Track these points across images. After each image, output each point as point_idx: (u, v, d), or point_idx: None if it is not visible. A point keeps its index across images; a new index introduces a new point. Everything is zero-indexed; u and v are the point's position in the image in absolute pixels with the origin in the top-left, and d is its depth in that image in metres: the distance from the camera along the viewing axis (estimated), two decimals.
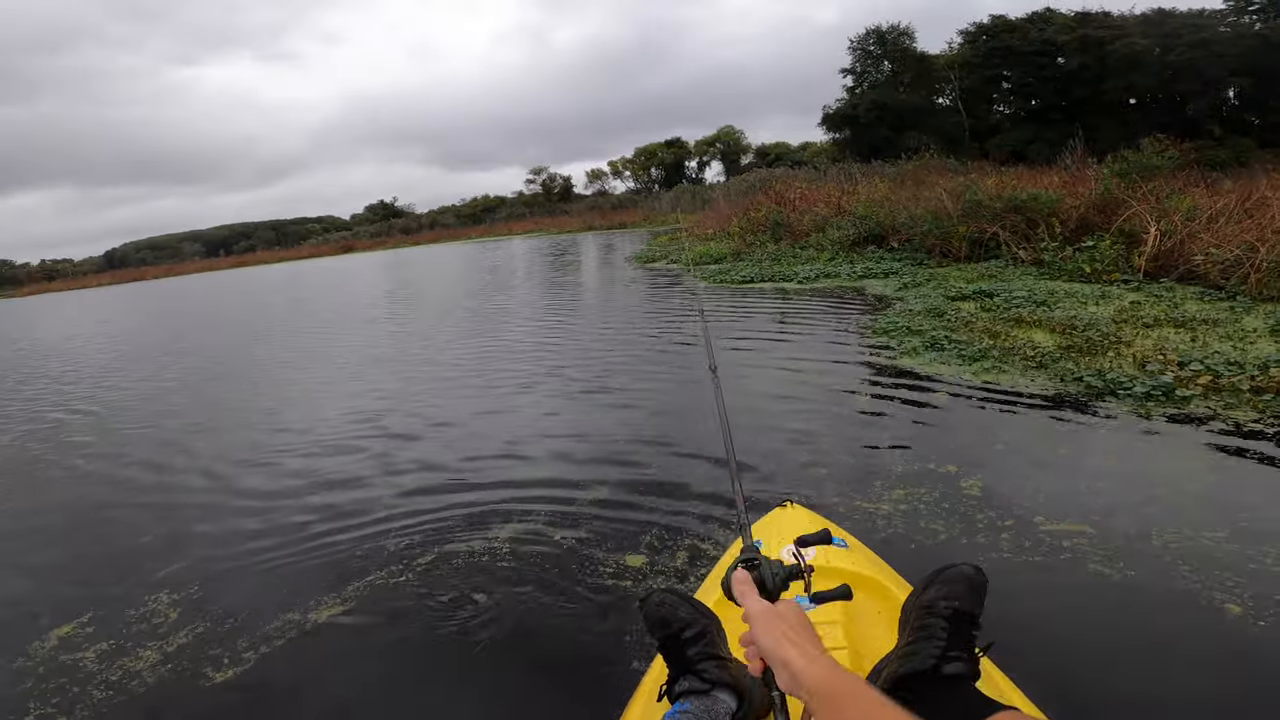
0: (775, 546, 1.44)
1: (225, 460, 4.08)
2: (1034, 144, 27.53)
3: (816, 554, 1.40)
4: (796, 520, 1.63)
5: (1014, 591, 1.97)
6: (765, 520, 1.73)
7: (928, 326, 5.16)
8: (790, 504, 1.77)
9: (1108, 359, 3.96)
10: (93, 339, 12.92)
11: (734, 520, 2.58)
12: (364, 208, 75.95)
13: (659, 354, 5.66)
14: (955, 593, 1.02)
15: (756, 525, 1.72)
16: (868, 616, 1.28)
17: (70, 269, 79.90)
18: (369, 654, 2.07)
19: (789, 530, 1.54)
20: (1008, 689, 1.17)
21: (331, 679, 2.00)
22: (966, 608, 1.00)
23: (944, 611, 0.99)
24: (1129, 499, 2.48)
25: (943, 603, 1.00)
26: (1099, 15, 29.91)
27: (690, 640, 1.06)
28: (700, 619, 1.09)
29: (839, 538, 1.55)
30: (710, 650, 1.05)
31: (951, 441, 3.14)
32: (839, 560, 1.40)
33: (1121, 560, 2.09)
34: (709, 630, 1.08)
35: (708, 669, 1.02)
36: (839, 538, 1.55)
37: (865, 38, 35.75)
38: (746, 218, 14.24)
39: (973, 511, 2.47)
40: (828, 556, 1.40)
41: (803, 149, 46.09)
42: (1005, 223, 8.23)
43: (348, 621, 2.23)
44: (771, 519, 1.70)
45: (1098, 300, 5.60)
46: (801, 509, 1.74)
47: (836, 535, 1.53)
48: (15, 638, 2.40)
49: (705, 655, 1.04)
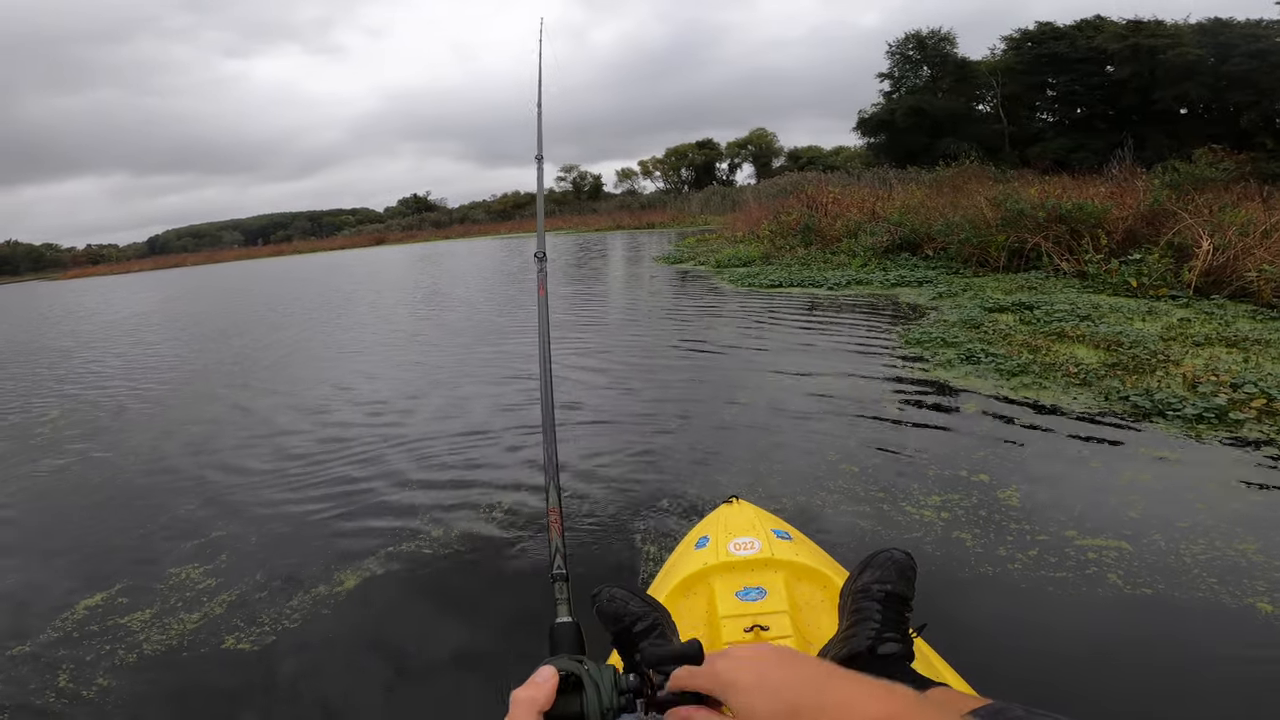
0: (722, 543, 1.47)
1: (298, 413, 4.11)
2: (1077, 152, 26.80)
3: (762, 546, 1.42)
4: (743, 516, 1.63)
5: (1046, 604, 1.98)
6: (711, 517, 1.74)
7: (964, 338, 4.99)
8: (736, 500, 1.77)
9: (1156, 378, 3.77)
10: (175, 317, 13.27)
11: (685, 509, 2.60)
12: (397, 201, 77.13)
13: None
14: (887, 576, 1.05)
15: (703, 522, 1.76)
16: (812, 604, 1.32)
17: (114, 254, 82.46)
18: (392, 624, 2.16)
19: (735, 526, 1.55)
20: (941, 667, 1.22)
21: (358, 644, 2.09)
22: (898, 590, 1.03)
23: (877, 595, 1.02)
24: (1168, 517, 2.39)
25: (875, 586, 1.04)
26: (1152, 24, 28.95)
27: (642, 633, 1.06)
28: (651, 612, 1.10)
29: (782, 530, 1.59)
30: (661, 642, 1.05)
31: (985, 454, 3.03)
32: (783, 552, 1.43)
33: (1157, 577, 2.04)
34: (660, 623, 1.09)
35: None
36: (782, 530, 1.59)
37: (904, 42, 35.10)
38: (777, 221, 14.05)
39: (1007, 521, 2.43)
40: (773, 548, 1.43)
41: (835, 153, 45.52)
42: (1048, 233, 7.96)
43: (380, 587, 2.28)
44: (718, 515, 1.71)
45: (1144, 316, 5.37)
46: (748, 505, 1.74)
47: (780, 528, 1.59)
48: (46, 603, 2.51)
49: (656, 647, 1.02)
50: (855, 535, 2.45)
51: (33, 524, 3.38)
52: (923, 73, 35.18)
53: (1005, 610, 1.99)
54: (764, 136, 54.29)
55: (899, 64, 35.60)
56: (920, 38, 34.64)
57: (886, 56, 35.78)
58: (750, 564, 1.38)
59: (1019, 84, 31.59)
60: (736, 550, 1.42)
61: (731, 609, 1.25)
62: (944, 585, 2.11)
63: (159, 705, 1.94)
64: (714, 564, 1.39)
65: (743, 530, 1.52)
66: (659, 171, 58.42)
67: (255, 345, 8.38)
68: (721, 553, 1.42)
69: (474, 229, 52.96)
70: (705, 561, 1.41)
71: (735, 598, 1.28)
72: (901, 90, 35.35)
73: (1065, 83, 30.87)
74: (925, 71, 35.06)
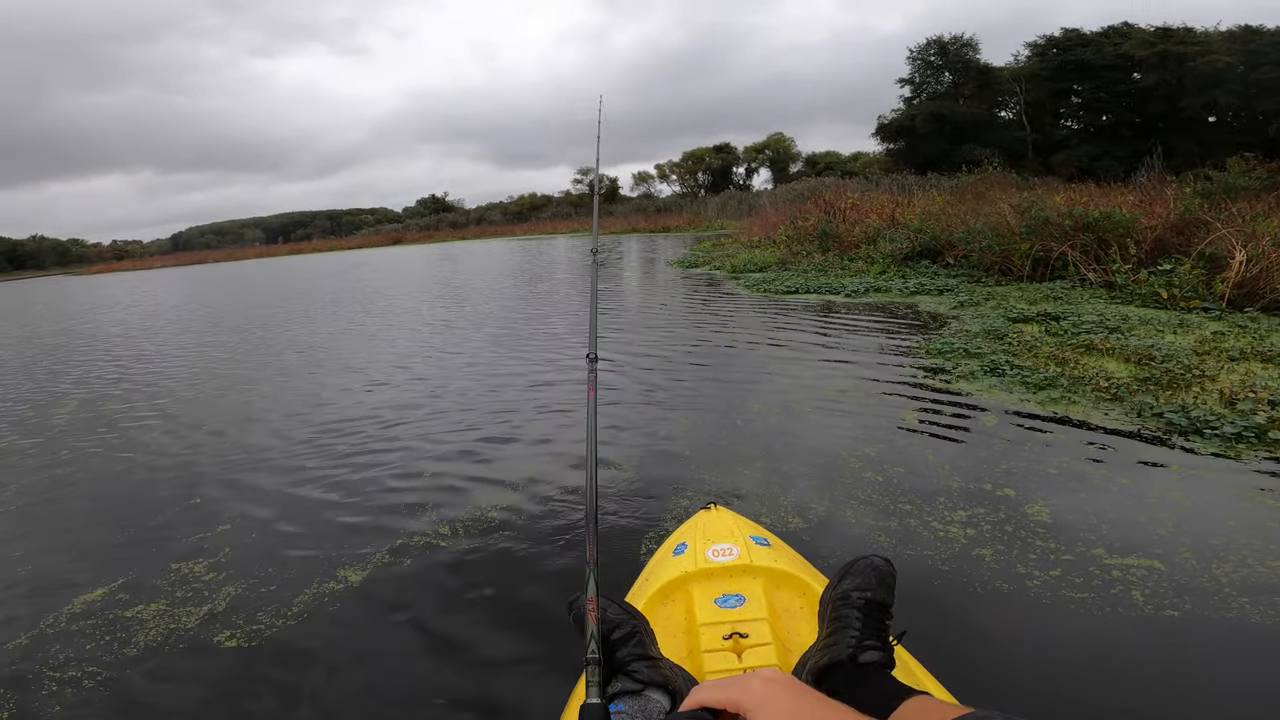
0: (701, 549, 1.46)
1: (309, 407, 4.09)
2: (1101, 160, 26.40)
3: (741, 552, 1.42)
4: (721, 522, 1.63)
5: (1068, 620, 1.92)
6: (689, 523, 1.74)
7: (987, 349, 4.84)
8: (714, 506, 1.76)
9: (1191, 394, 3.61)
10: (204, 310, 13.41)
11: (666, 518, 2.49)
12: (415, 201, 77.68)
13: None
14: (867, 584, 1.05)
15: (680, 528, 1.76)
16: (792, 611, 1.30)
17: (139, 250, 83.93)
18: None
19: (713, 532, 1.55)
20: (922, 675, 1.20)
21: (356, 639, 2.07)
22: (878, 597, 1.03)
23: (857, 602, 1.02)
24: (1201, 535, 2.30)
25: (856, 594, 1.04)
26: (1181, 31, 28.48)
27: (620, 641, 1.05)
28: (629, 620, 1.08)
29: (761, 536, 1.58)
30: (640, 651, 1.04)
31: (1009, 467, 2.92)
32: (762, 558, 1.41)
33: (1185, 597, 1.97)
34: (638, 630, 1.07)
35: (639, 669, 1.01)
36: (761, 536, 1.58)
37: (926, 48, 34.79)
38: (794, 226, 13.90)
39: (1033, 538, 2.36)
40: (751, 555, 1.41)
41: (854, 159, 45.18)
42: (1074, 241, 7.76)
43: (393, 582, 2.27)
44: (695, 521, 1.71)
45: (1176, 329, 5.19)
46: (726, 511, 1.74)
47: (758, 534, 1.59)
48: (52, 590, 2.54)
49: (636, 656, 1.03)
50: (873, 547, 2.34)
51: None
52: (944, 78, 34.85)
53: (1028, 626, 1.92)
54: (781, 141, 54.03)
55: (920, 69, 35.30)
56: (942, 43, 34.33)
57: (907, 62, 35.54)
58: (729, 570, 1.36)
59: (1043, 90, 31.22)
60: (715, 557, 1.41)
61: (710, 616, 1.23)
62: (964, 600, 2.04)
63: (165, 695, 1.92)
64: (692, 571, 1.37)
65: (721, 536, 1.51)
66: (675, 175, 58.37)
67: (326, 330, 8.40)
68: (700, 559, 1.41)
69: (489, 230, 53.24)
70: (683, 568, 1.39)
71: (714, 605, 1.27)
72: (922, 96, 35.03)
73: (1091, 89, 30.44)
74: (947, 77, 34.73)
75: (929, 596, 2.06)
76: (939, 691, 1.13)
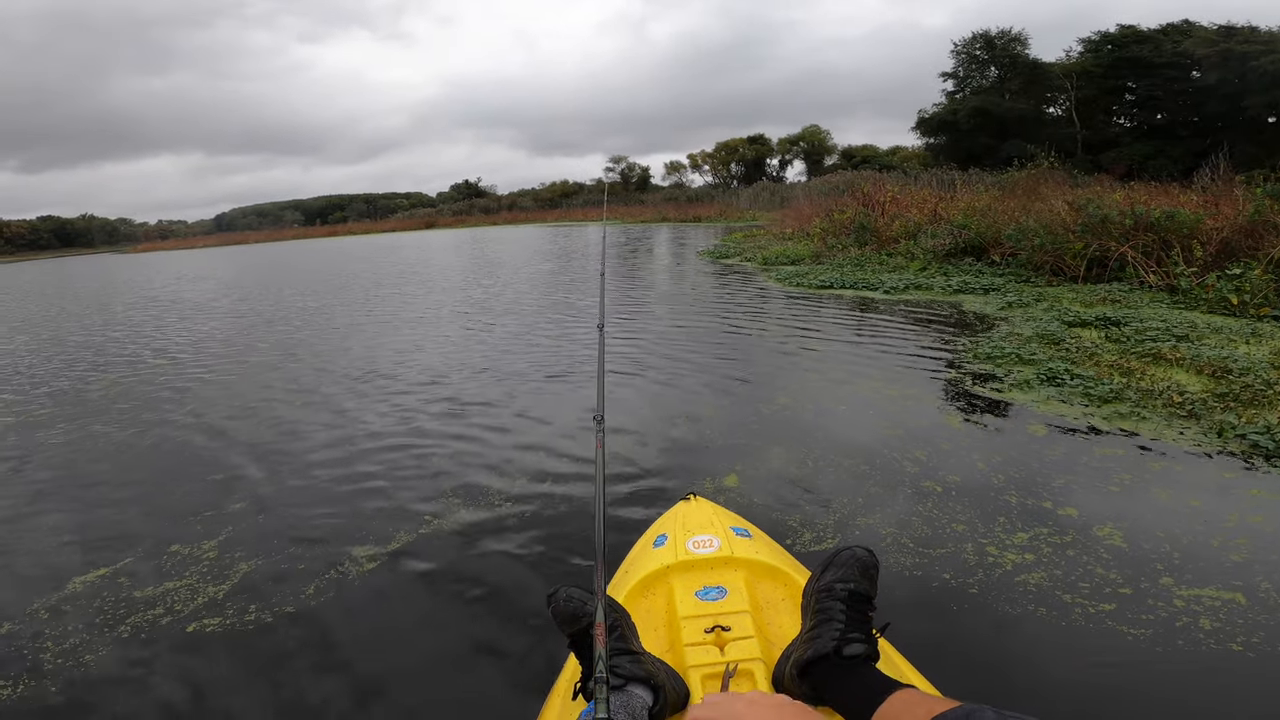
0: (681, 541, 1.44)
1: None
2: (1155, 159, 25.33)
3: (721, 544, 1.40)
4: (701, 513, 1.62)
5: (1133, 648, 1.76)
6: (669, 514, 1.72)
7: (1042, 355, 4.48)
8: (694, 497, 1.76)
9: (1276, 414, 3.25)
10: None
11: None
12: (449, 186, 78.22)
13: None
14: (849, 575, 1.03)
15: (660, 519, 1.73)
16: (774, 604, 1.29)
17: (183, 229, 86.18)
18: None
19: (694, 524, 1.53)
20: (905, 668, 1.20)
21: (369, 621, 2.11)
22: (861, 589, 1.02)
23: (840, 594, 1.01)
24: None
25: (839, 585, 1.02)
26: (1245, 29, 27.15)
27: None
28: (610, 613, 1.04)
29: (741, 527, 1.57)
30: (622, 645, 1.01)
31: (1066, 481, 2.68)
32: (743, 550, 1.39)
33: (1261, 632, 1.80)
34: (619, 624, 1.05)
35: (621, 664, 0.98)
36: (741, 527, 1.57)
37: (972, 41, 33.68)
38: (829, 219, 13.48)
39: (1094, 565, 2.13)
40: (732, 546, 1.39)
41: (892, 153, 44.11)
42: (1135, 242, 7.30)
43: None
44: (675, 512, 1.69)
45: (1248, 338, 4.77)
46: (705, 502, 1.73)
47: (739, 525, 1.58)
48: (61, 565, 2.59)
49: (617, 650, 1.00)
50: (927, 561, 2.19)
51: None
52: (989, 73, 33.74)
53: (1083, 646, 1.79)
54: (817, 134, 52.98)
55: (964, 64, 34.25)
56: (989, 38, 33.22)
57: (951, 56, 34.48)
58: (710, 562, 1.35)
59: (1095, 87, 30.06)
60: (695, 548, 1.39)
61: (691, 609, 1.21)
62: (1006, 621, 1.92)
63: (177, 680, 1.89)
64: (673, 563, 1.35)
65: (701, 528, 1.49)
66: (708, 165, 57.71)
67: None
68: (680, 551, 1.39)
69: (520, 216, 53.28)
70: (664, 560, 1.37)
71: (695, 597, 1.25)
72: (966, 90, 33.98)
73: (1146, 87, 29.22)
74: (992, 72, 33.62)
75: (994, 623, 1.87)
76: (922, 684, 1.11)
